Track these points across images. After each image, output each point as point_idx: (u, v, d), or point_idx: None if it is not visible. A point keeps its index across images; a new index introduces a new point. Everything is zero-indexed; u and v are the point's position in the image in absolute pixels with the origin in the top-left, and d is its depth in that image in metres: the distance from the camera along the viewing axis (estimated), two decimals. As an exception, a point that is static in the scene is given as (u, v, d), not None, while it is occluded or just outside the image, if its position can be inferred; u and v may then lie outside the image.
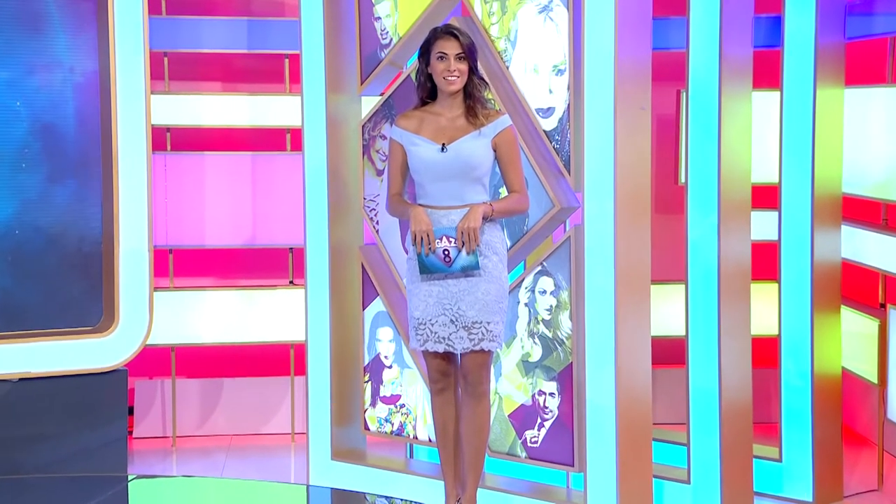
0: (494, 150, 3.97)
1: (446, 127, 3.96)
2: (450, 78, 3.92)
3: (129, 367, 5.13)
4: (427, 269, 3.88)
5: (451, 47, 3.93)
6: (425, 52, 3.98)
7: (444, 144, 3.92)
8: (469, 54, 3.94)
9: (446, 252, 3.86)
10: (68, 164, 5.00)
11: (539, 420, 4.55)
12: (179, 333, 5.64)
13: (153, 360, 5.78)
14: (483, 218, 3.90)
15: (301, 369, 5.51)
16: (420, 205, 3.96)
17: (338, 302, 4.96)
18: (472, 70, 3.95)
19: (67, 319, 5.03)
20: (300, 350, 5.52)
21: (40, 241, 4.97)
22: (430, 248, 3.87)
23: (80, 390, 5.00)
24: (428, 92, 4.01)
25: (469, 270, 3.88)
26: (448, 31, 3.95)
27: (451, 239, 3.86)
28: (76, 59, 5.00)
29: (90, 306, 5.05)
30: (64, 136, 5.00)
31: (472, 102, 3.95)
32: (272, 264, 5.83)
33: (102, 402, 5.03)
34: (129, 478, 5.11)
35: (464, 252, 3.87)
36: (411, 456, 5.06)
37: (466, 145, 3.92)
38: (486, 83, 4.01)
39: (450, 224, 3.90)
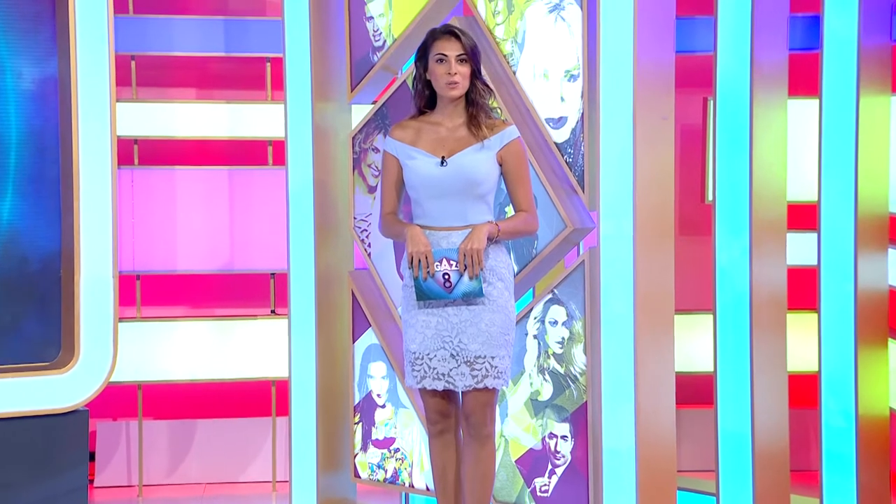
0: (500, 165, 3.98)
1: (446, 138, 3.98)
2: (451, 82, 3.94)
3: (91, 408, 5.12)
4: (425, 296, 3.89)
5: (451, 48, 3.95)
6: (422, 56, 3.99)
7: (443, 158, 3.94)
8: (472, 56, 3.96)
9: (447, 276, 3.87)
10: (22, 181, 5.01)
11: (550, 466, 4.55)
12: (147, 369, 5.64)
13: (117, 400, 5.78)
14: (488, 239, 3.92)
15: (284, 409, 5.51)
16: (417, 225, 3.98)
17: (325, 334, 4.97)
18: (476, 74, 3.97)
19: (20, 354, 5.03)
20: (283, 387, 5.52)
21: (-11, 266, 4.99)
22: (428, 272, 3.89)
23: (35, 433, 4.99)
24: (426, 101, 4.03)
25: (472, 297, 3.90)
26: (448, 31, 3.98)
27: (451, 262, 3.87)
28: (32, 63, 5.02)
29: (47, 339, 5.06)
30: (16, 150, 5.01)
31: (476, 111, 3.96)
32: (252, 292, 5.84)
33: (60, 446, 5.03)
34: (90, 531, 5.11)
35: (466, 277, 3.88)
36: (407, 507, 5.07)
37: (469, 159, 3.94)
38: (491, 89, 4.02)
39: (450, 246, 3.92)
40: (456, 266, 3.86)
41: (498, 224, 3.95)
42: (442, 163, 3.94)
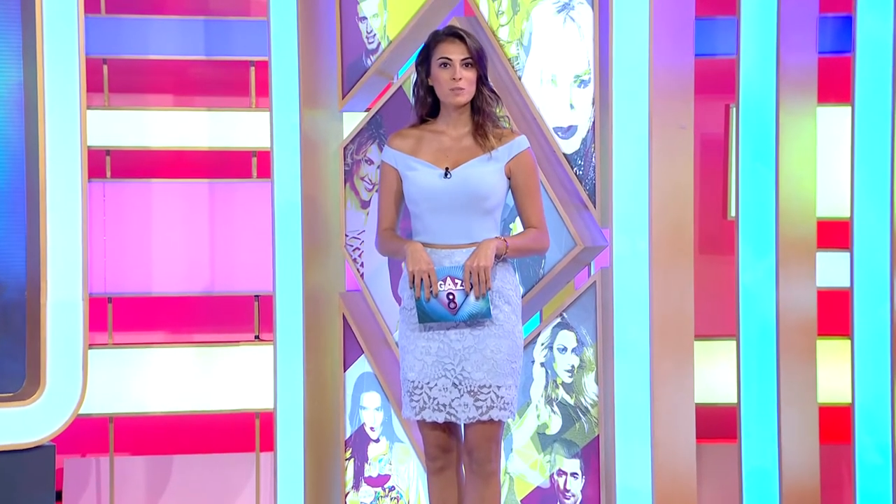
0: (508, 178, 3.99)
1: (450, 148, 3.98)
2: (456, 88, 3.94)
3: (58, 442, 5.11)
4: (428, 318, 3.89)
5: (456, 51, 3.95)
6: (424, 60, 4.00)
7: (447, 169, 3.95)
8: (478, 61, 3.96)
9: (451, 296, 3.87)
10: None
11: (559, 506, 4.56)
12: (120, 400, 5.63)
13: (87, 434, 5.77)
14: (495, 256, 3.92)
15: (268, 444, 5.50)
16: (418, 241, 3.99)
17: (313, 361, 4.97)
18: (482, 80, 3.98)
19: (-18, 384, 5.04)
20: (267, 420, 5.52)
21: (-53, 289, 4.99)
22: (431, 292, 3.89)
23: (-3, 470, 5.00)
24: (428, 109, 4.03)
25: (479, 319, 3.89)
26: (452, 33, 3.98)
27: (456, 280, 3.87)
28: (-5, 67, 5.05)
29: (10, 368, 5.05)
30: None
31: (482, 119, 3.97)
32: (234, 316, 5.83)
33: (24, 485, 5.02)
34: (57, 578, 5.10)
35: (472, 296, 3.88)
36: (403, 551, 5.06)
37: (475, 170, 3.95)
38: (498, 97, 4.01)
39: (454, 265, 3.92)
40: (461, 285, 3.86)
41: (506, 240, 3.94)
42: (445, 174, 3.94)
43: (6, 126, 5.06)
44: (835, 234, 4.97)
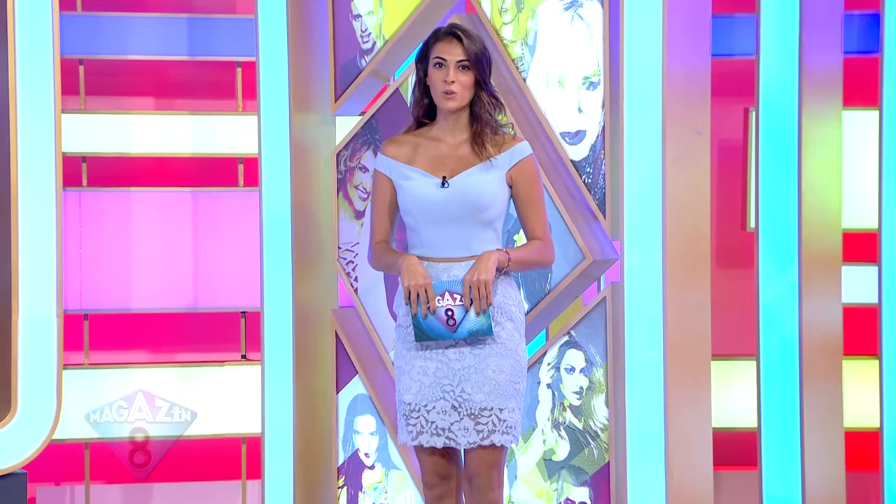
0: (510, 187, 3.99)
1: (447, 155, 3.99)
2: (447, 92, 3.94)
3: (29, 470, 5.11)
4: (425, 336, 3.89)
5: (452, 52, 3.96)
6: (423, 58, 4.01)
7: (444, 178, 3.95)
8: (476, 64, 3.96)
9: (449, 312, 3.87)
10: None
11: (567, 538, 4.56)
12: (96, 425, 5.63)
13: (61, 460, 5.77)
14: (497, 269, 3.92)
15: (255, 471, 5.50)
16: (414, 255, 3.99)
17: (304, 382, 4.96)
18: (481, 85, 3.97)
19: (-52, 407, 5.04)
20: (254, 445, 5.52)
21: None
22: (428, 308, 3.89)
23: (-35, 499, 4.99)
24: (425, 109, 4.03)
25: (479, 336, 3.89)
26: (451, 32, 3.98)
27: (455, 296, 3.87)
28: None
29: (-22, 389, 5.06)
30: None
31: (480, 127, 3.96)
32: (219, 334, 5.84)
33: (-6, 514, 5.03)
34: None
35: (472, 312, 3.88)
36: (399, 585, 5.06)
37: (474, 179, 3.95)
38: (501, 104, 4.00)
39: (452, 279, 3.92)
40: (460, 300, 3.86)
41: (508, 252, 3.95)
42: (443, 184, 3.94)
43: (-24, 131, 5.07)
44: (862, 247, 4.97)
